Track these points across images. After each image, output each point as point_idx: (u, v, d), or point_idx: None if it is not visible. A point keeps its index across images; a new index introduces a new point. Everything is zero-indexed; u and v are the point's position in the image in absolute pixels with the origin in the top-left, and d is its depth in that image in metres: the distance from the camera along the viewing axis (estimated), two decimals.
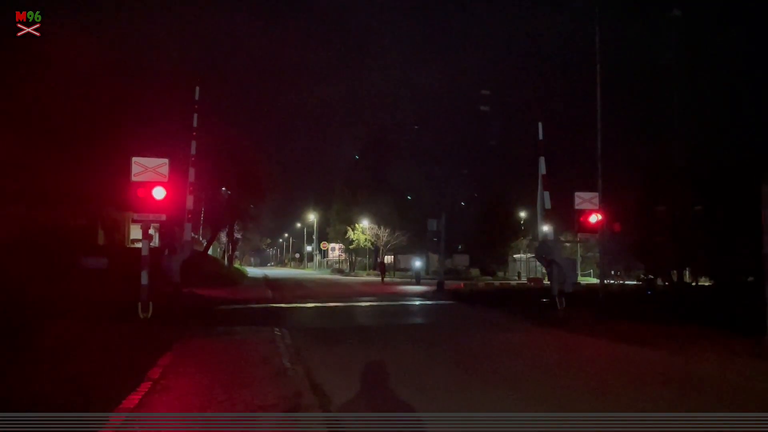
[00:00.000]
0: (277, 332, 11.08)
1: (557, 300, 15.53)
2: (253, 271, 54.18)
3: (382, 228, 53.90)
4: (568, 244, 39.73)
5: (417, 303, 20.09)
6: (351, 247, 58.05)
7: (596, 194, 16.49)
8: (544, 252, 16.52)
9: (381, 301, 20.70)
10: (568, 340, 11.40)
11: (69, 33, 19.48)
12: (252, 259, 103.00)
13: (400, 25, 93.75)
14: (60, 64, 19.54)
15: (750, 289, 19.16)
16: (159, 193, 12.14)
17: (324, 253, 73.28)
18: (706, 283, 23.96)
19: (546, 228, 16.87)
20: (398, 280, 38.55)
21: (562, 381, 7.40)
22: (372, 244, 55.72)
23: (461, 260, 52.97)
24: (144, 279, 12.20)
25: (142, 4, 30.27)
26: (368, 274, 51.30)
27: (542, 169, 16.33)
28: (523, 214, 55.29)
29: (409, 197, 56.30)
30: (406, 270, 48.03)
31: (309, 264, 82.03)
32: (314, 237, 75.76)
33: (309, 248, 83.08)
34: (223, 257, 46.60)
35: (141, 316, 12.01)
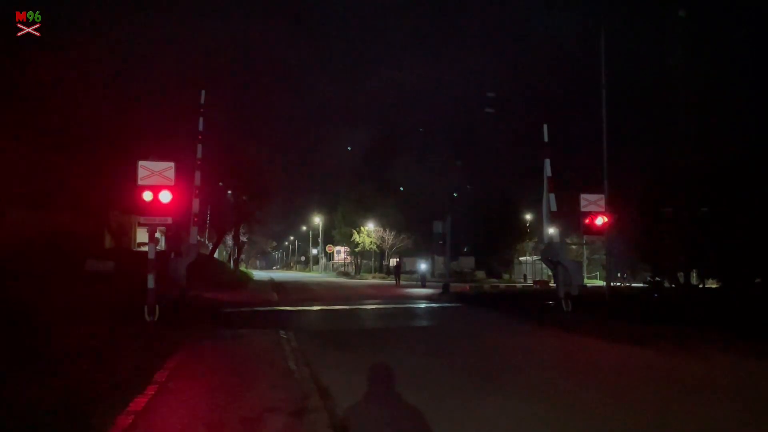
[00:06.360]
0: (283, 335, 11.09)
1: (563, 302, 15.47)
2: (258, 274, 54.25)
3: (387, 231, 53.90)
4: (574, 247, 39.59)
5: (423, 306, 20.04)
6: (356, 250, 58.07)
7: (602, 196, 16.46)
8: (550, 254, 16.47)
9: (387, 303, 20.68)
10: (576, 343, 11.36)
11: (74, 38, 19.61)
12: (258, 262, 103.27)
13: (405, 27, 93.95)
14: (66, 68, 19.68)
15: (758, 291, 19.08)
16: (165, 196, 12.19)
17: (330, 256, 73.38)
18: (714, 285, 23.81)
19: (552, 230, 16.82)
20: (404, 282, 38.57)
21: (573, 386, 7.36)
22: (377, 247, 55.70)
23: (467, 263, 52.86)
24: (150, 282, 12.24)
25: (147, 8, 30.46)
26: (374, 277, 51.26)
27: (547, 171, 16.29)
28: (528, 217, 55.14)
29: (407, 199, 56.09)
30: (411, 272, 47.97)
31: (315, 267, 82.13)
32: (320, 240, 75.86)
33: (315, 251, 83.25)
34: (229, 260, 46.68)
35: (147, 319, 12.05)
